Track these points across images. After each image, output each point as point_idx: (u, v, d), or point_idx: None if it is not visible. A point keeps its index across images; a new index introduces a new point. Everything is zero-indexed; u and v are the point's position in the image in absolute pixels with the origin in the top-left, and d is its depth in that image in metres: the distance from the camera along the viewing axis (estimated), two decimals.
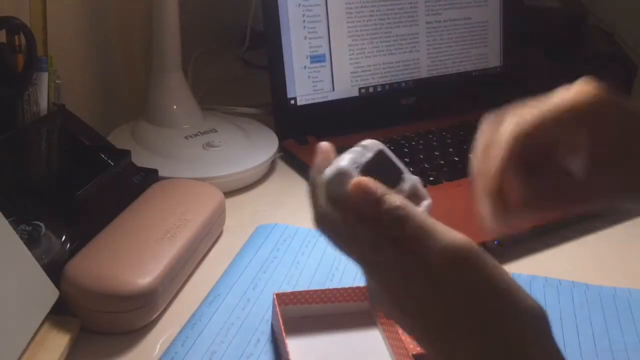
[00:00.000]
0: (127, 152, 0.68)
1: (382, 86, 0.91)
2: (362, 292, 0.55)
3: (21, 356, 0.47)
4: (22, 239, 0.50)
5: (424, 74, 0.94)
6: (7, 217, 0.48)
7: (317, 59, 0.85)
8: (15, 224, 0.52)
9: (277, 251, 0.63)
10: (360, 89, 0.89)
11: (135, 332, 0.53)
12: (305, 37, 0.84)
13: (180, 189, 0.65)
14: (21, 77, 0.59)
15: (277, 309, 0.52)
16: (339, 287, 0.54)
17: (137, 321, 0.53)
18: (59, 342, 0.49)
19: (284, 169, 0.82)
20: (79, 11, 0.82)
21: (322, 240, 0.64)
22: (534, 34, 1.05)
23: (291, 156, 0.83)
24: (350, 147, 0.41)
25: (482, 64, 1.00)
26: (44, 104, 0.61)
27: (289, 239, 0.65)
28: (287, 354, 0.47)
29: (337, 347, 0.52)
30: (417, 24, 0.92)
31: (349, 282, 0.59)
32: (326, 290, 0.54)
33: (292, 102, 0.85)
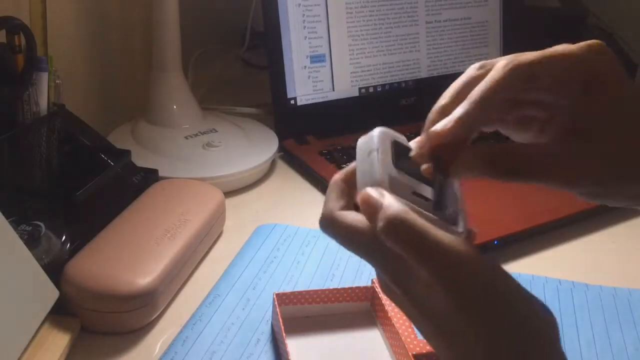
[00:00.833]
0: (127, 152, 0.68)
1: (382, 86, 0.91)
2: (362, 292, 0.55)
3: (21, 356, 0.47)
4: (22, 239, 0.50)
5: (424, 74, 0.94)
6: (7, 217, 0.48)
7: (317, 59, 0.85)
8: (15, 224, 0.52)
9: (277, 251, 0.63)
10: (360, 89, 0.89)
11: (135, 332, 0.53)
12: (305, 37, 0.84)
13: (180, 189, 0.65)
14: (21, 77, 0.59)
15: (277, 309, 0.51)
16: (339, 287, 0.54)
17: (137, 321, 0.53)
18: (59, 342, 0.49)
19: (284, 169, 0.82)
20: (79, 11, 0.82)
21: (322, 240, 0.64)
22: (534, 34, 1.05)
23: (291, 156, 0.83)
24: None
25: None
26: (44, 104, 0.61)
27: (289, 239, 0.65)
28: (287, 354, 0.47)
29: (337, 347, 0.52)
30: (417, 24, 0.92)
31: (349, 282, 0.59)
32: (326, 290, 0.54)
33: (292, 102, 0.85)
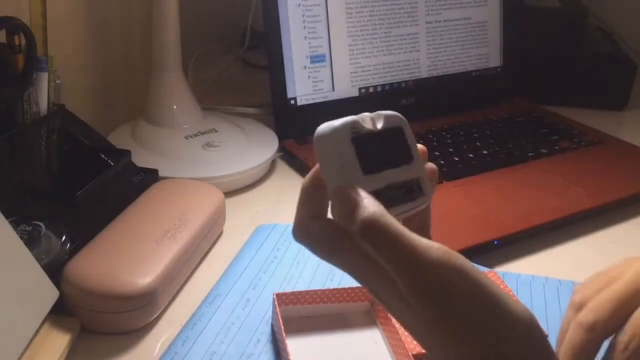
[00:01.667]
0: (127, 152, 0.68)
1: (382, 86, 0.91)
2: (362, 292, 0.55)
3: (21, 356, 0.47)
4: (22, 239, 0.50)
5: (424, 74, 0.94)
6: (7, 217, 0.48)
7: (317, 59, 0.85)
8: (15, 224, 0.52)
9: (277, 251, 0.63)
10: (360, 89, 0.89)
11: (135, 332, 0.53)
12: (305, 37, 0.84)
13: (180, 189, 0.65)
14: (21, 77, 0.59)
15: (277, 309, 0.51)
16: (339, 287, 0.54)
17: (137, 321, 0.53)
18: (59, 342, 0.49)
19: (284, 169, 0.82)
20: (79, 11, 0.82)
21: None
22: (534, 34, 1.05)
23: (291, 156, 0.83)
24: None
25: (482, 64, 1.00)
26: (44, 104, 0.61)
27: (289, 239, 0.64)
28: (287, 354, 0.47)
29: (337, 347, 0.52)
30: (417, 24, 0.92)
31: (349, 282, 0.59)
32: (326, 290, 0.54)
33: (292, 102, 0.85)
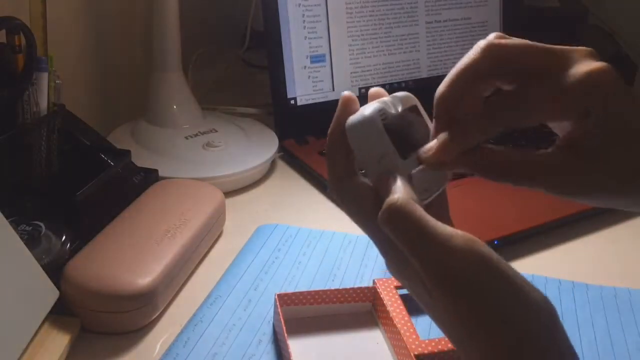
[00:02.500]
0: (127, 152, 0.68)
1: (382, 86, 0.90)
2: (363, 293, 0.55)
3: (21, 356, 0.47)
4: (22, 239, 0.49)
5: (424, 74, 0.94)
6: (7, 217, 0.48)
7: (317, 59, 0.85)
8: (15, 224, 0.52)
9: (278, 252, 0.63)
10: (360, 89, 0.89)
11: (135, 332, 0.53)
12: (305, 37, 0.84)
13: (180, 189, 0.65)
14: (21, 77, 0.59)
15: (279, 310, 0.51)
16: (341, 288, 0.54)
17: (137, 321, 0.53)
18: (59, 342, 0.49)
19: (284, 169, 0.82)
20: (79, 11, 0.82)
21: (323, 241, 0.64)
22: (534, 34, 1.05)
23: (291, 156, 0.83)
24: None
25: None
26: (44, 104, 0.61)
27: (290, 240, 0.64)
28: (289, 354, 0.47)
29: (339, 348, 0.52)
30: (417, 24, 0.92)
31: (350, 282, 0.59)
32: (328, 290, 0.54)
33: (292, 102, 0.85)
